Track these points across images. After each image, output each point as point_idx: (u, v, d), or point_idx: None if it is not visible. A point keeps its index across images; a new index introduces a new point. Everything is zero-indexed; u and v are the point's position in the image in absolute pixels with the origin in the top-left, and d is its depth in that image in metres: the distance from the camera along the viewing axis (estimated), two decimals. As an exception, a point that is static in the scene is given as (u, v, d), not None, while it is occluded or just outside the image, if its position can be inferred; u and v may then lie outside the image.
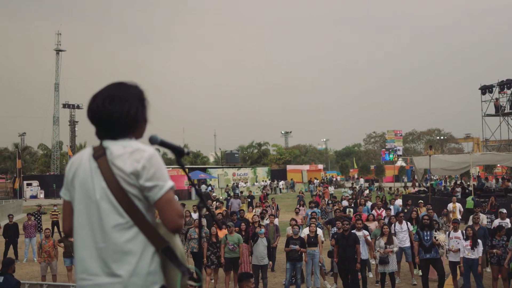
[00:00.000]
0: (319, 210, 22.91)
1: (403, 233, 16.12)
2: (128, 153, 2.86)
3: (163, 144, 3.00)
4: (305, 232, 15.62)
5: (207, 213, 3.25)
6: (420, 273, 15.66)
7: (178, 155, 3.03)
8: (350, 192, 41.52)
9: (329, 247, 15.95)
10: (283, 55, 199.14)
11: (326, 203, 27.38)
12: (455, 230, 14.17)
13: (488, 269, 16.72)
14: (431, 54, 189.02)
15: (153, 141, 2.98)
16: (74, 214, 2.95)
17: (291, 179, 70.16)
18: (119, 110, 2.94)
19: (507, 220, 16.28)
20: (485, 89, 44.90)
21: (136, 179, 2.82)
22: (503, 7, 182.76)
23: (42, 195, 62.81)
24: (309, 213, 20.52)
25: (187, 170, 3.27)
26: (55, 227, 25.50)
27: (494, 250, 13.48)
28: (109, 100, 2.96)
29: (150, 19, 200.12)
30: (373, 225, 17.07)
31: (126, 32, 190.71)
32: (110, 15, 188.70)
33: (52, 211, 27.31)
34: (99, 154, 2.91)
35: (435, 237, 14.05)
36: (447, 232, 14.74)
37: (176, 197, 3.00)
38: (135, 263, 2.80)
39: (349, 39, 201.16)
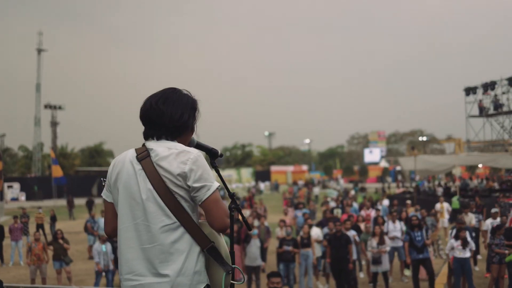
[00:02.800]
0: (309, 211, 22.95)
1: (396, 233, 16.17)
2: (174, 155, 2.89)
3: (199, 146, 3.17)
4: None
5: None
6: (408, 273, 15.77)
7: (213, 157, 3.14)
8: (335, 193, 41.66)
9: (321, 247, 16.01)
10: (267, 55, 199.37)
11: (314, 204, 27.46)
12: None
13: (477, 268, 16.88)
14: (414, 55, 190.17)
15: (190, 143, 3.10)
16: (118, 216, 2.97)
17: (275, 180, 70.27)
18: (170, 112, 2.99)
19: (499, 219, 16.38)
20: (469, 91, 45.28)
21: (184, 181, 2.85)
22: (487, 9, 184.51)
23: (23, 197, 62.12)
24: (299, 214, 20.58)
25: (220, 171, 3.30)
26: (40, 230, 25.27)
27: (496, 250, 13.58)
28: (162, 101, 3.01)
29: (132, 19, 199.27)
30: (362, 225, 17.11)
31: (108, 33, 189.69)
32: (93, 15, 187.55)
33: (36, 214, 27.06)
34: (143, 156, 2.93)
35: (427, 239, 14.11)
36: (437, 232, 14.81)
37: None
38: (181, 263, 2.83)
39: (333, 40, 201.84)
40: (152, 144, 2.96)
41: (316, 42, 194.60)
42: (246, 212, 22.79)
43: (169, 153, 2.89)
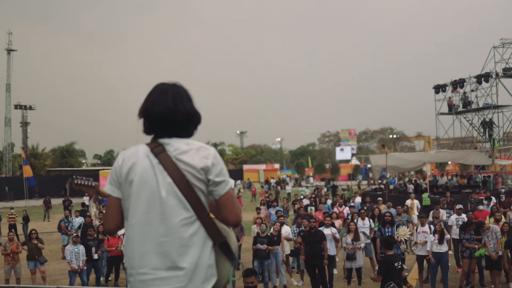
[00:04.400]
0: (282, 209, 23.07)
1: (365, 229, 16.44)
2: (194, 150, 2.96)
3: None
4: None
5: None
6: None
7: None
8: (307, 191, 41.91)
9: (292, 245, 16.17)
10: (238, 53, 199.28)
11: (287, 201, 27.58)
12: (422, 224, 14.48)
13: (449, 263, 17.19)
14: (385, 53, 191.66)
15: None
16: (130, 211, 2.94)
17: (248, 179, 70.32)
18: (188, 109, 3.09)
19: (463, 215, 16.75)
20: (439, 88, 45.74)
21: (205, 174, 2.91)
22: (457, 8, 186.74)
23: (-6, 198, 61.39)
24: (272, 212, 20.72)
25: None
26: (13, 230, 25.08)
27: (467, 244, 13.89)
28: (179, 100, 3.08)
29: (103, 19, 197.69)
30: (337, 223, 17.27)
31: (79, 32, 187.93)
32: (62, 14, 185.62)
33: (8, 214, 26.83)
34: (159, 150, 2.95)
35: (396, 235, 14.35)
36: (413, 227, 15.07)
37: None
38: (198, 256, 2.88)
39: (302, 38, 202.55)
40: (167, 140, 3.00)
41: (287, 43, 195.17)
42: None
43: (188, 148, 2.96)
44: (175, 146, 2.96)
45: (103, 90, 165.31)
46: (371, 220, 17.09)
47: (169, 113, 3.01)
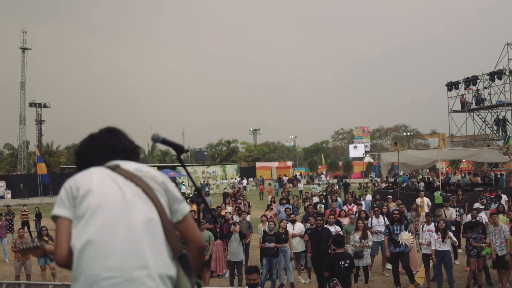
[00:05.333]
0: (291, 206, 23.10)
1: (380, 227, 16.36)
2: (147, 168, 2.95)
3: (164, 141, 3.04)
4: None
5: (204, 208, 3.30)
6: (389, 267, 16.00)
7: (179, 152, 3.11)
8: (319, 188, 41.87)
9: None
10: (251, 52, 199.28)
11: (298, 199, 27.58)
12: (428, 223, 14.48)
13: (457, 262, 17.15)
14: (397, 51, 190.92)
15: (155, 139, 3.02)
16: (95, 219, 2.65)
17: (260, 176, 70.39)
18: (128, 140, 3.16)
19: (480, 214, 16.56)
20: (451, 86, 45.50)
21: (166, 189, 2.88)
22: (468, 5, 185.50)
23: (9, 195, 61.92)
24: (281, 210, 20.75)
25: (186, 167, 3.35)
26: (25, 227, 25.33)
27: (474, 243, 13.87)
28: (117, 132, 3.17)
29: (117, 18, 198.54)
30: (345, 221, 17.29)
31: (92, 31, 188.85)
32: (76, 12, 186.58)
33: (21, 211, 27.10)
34: (114, 166, 2.91)
35: (399, 240, 14.32)
36: (420, 226, 15.04)
37: None
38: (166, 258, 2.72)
39: (316, 37, 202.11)
40: (119, 161, 2.98)
41: (301, 39, 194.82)
42: (229, 208, 22.96)
43: (142, 166, 2.97)
44: (128, 164, 2.95)
45: (116, 88, 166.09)
46: (385, 218, 17.04)
47: (112, 142, 3.06)
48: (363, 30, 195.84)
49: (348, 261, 11.69)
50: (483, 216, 16.60)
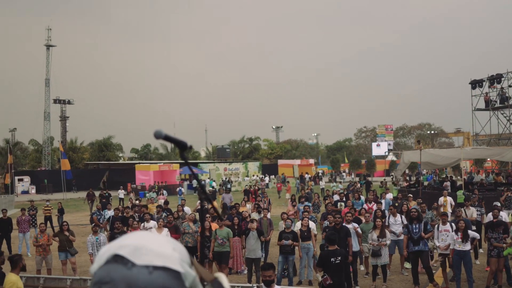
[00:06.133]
0: (310, 204, 23.05)
1: (397, 226, 16.30)
2: None
3: (167, 138, 2.99)
4: (297, 226, 15.83)
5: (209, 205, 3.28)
6: (408, 266, 15.92)
7: (182, 149, 3.05)
8: (340, 186, 41.77)
9: (321, 240, 16.13)
10: (275, 49, 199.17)
11: (319, 197, 27.52)
12: (444, 223, 14.40)
13: (478, 262, 17.00)
14: (422, 49, 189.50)
15: (157, 135, 2.96)
16: None
17: (282, 174, 70.33)
18: None
19: (501, 213, 16.41)
20: (475, 84, 45.10)
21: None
22: (493, 3, 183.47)
23: (33, 191, 62.70)
24: (301, 208, 20.72)
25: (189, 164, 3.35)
26: (48, 222, 25.60)
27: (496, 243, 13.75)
28: None
29: (141, 14, 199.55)
30: (363, 219, 17.22)
31: (116, 27, 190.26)
32: (101, 10, 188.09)
33: (44, 206, 27.42)
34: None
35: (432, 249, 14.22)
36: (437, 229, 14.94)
37: (165, 192, 2.90)
38: None
39: (341, 34, 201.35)
40: None
41: (324, 36, 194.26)
42: (248, 206, 23.01)
43: None
44: None
45: (140, 85, 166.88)
46: (402, 217, 16.96)
47: None
48: (387, 28, 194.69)
49: (339, 258, 11.83)
50: (504, 216, 16.40)
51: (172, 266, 1.95)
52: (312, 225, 15.92)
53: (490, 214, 16.76)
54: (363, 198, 25.15)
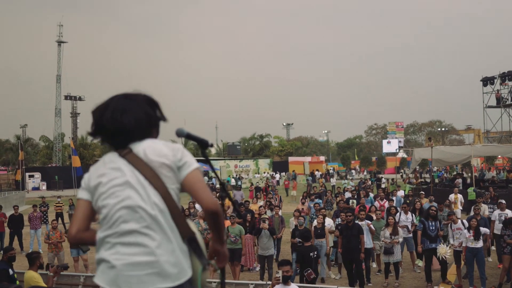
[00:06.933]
0: (321, 201, 22.96)
1: (408, 223, 16.27)
2: (160, 143, 2.96)
3: (189, 136, 3.07)
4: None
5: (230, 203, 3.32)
6: (420, 263, 15.86)
7: (203, 147, 3.11)
8: (351, 183, 41.67)
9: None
10: (285, 46, 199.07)
11: (331, 194, 27.45)
12: (455, 222, 14.38)
13: (490, 259, 16.93)
14: (433, 47, 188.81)
15: (179, 133, 3.05)
16: (103, 209, 2.88)
17: (293, 171, 70.28)
18: (138, 118, 3.01)
19: (507, 210, 16.45)
20: (487, 81, 44.88)
21: (170, 158, 2.89)
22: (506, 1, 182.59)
23: (44, 187, 62.91)
24: (312, 205, 20.66)
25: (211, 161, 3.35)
26: (59, 218, 25.66)
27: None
28: (125, 111, 3.00)
29: (152, 11, 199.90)
30: (374, 216, 17.17)
31: (128, 24, 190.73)
32: (112, 6, 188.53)
33: (56, 203, 27.51)
34: (126, 152, 2.94)
35: (438, 254, 14.15)
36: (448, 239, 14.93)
37: None
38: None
39: (351, 31, 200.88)
40: (131, 145, 2.98)
41: (336, 33, 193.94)
42: (260, 203, 22.96)
43: (154, 143, 2.96)
44: (141, 145, 2.95)
45: (151, 81, 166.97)
46: (413, 215, 16.91)
47: (116, 125, 2.98)
48: (397, 25, 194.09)
49: (315, 252, 12.84)
50: (510, 213, 16.32)
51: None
52: (329, 222, 15.92)
53: (496, 212, 16.76)
54: (372, 195, 25.10)
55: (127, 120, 2.97)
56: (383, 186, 39.28)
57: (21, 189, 54.17)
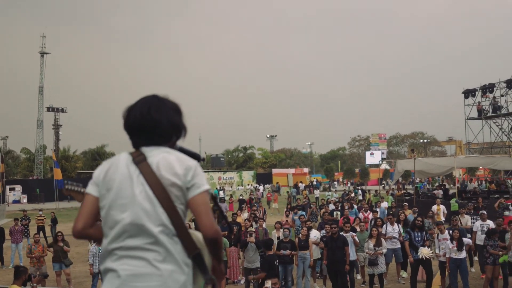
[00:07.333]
0: (305, 213, 22.95)
1: (395, 235, 16.29)
2: (174, 158, 2.96)
3: (181, 150, 3.13)
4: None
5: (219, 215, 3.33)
6: (405, 275, 15.89)
7: (195, 161, 3.15)
8: (335, 195, 41.75)
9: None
10: (268, 59, 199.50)
11: (316, 206, 27.47)
12: (442, 232, 14.43)
13: (473, 269, 17.01)
14: (415, 59, 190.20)
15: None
16: (110, 218, 2.93)
17: (277, 183, 70.30)
18: (163, 119, 3.05)
19: (488, 221, 16.55)
20: (468, 93, 45.31)
21: (181, 178, 2.91)
22: (487, 13, 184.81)
23: (25, 200, 62.20)
24: (297, 218, 20.64)
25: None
26: (41, 232, 25.40)
27: (492, 250, 13.75)
28: (154, 109, 3.05)
29: (135, 22, 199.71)
30: (359, 228, 17.20)
31: (111, 35, 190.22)
32: (96, 17, 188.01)
33: (37, 216, 27.22)
34: (140, 160, 2.97)
35: (419, 254, 14.21)
36: (435, 234, 14.99)
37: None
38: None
39: (334, 44, 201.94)
40: (147, 149, 3.02)
41: (317, 46, 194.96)
42: (245, 215, 22.94)
43: (170, 157, 2.97)
44: (156, 155, 2.97)
45: (135, 92, 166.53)
46: (399, 225, 16.96)
47: (142, 121, 3.03)
48: (379, 37, 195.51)
49: (277, 260, 13.15)
50: (491, 224, 16.41)
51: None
52: (316, 234, 15.89)
53: (477, 223, 16.86)
54: (356, 207, 25.15)
55: (155, 116, 3.03)
56: (360, 197, 39.38)
57: (1, 202, 53.52)
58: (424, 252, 14.18)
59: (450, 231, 14.44)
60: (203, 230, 2.89)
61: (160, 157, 2.96)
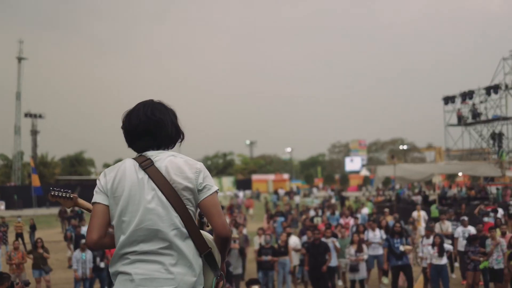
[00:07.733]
0: (283, 219, 22.94)
1: (377, 240, 16.30)
2: (183, 161, 3.02)
3: None
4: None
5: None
6: (386, 281, 15.93)
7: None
8: (316, 201, 41.84)
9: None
10: (248, 63, 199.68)
11: (297, 212, 27.51)
12: (427, 237, 14.47)
13: (454, 275, 17.09)
14: (395, 64, 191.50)
15: None
16: (122, 224, 2.97)
17: (257, 189, 70.32)
18: (167, 121, 3.11)
19: (470, 227, 16.61)
20: (448, 100, 45.64)
21: (193, 182, 2.96)
22: (467, 19, 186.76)
23: (2, 207, 61.42)
24: (278, 224, 20.66)
25: None
26: (19, 238, 25.12)
27: (473, 257, 13.82)
28: (158, 110, 3.10)
29: (114, 28, 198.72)
30: (340, 234, 17.23)
31: (90, 41, 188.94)
32: (73, 23, 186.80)
33: (16, 223, 26.90)
34: (147, 164, 2.99)
35: (400, 250, 14.26)
36: (417, 239, 15.04)
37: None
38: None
39: (315, 48, 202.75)
40: (154, 153, 3.05)
41: (297, 50, 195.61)
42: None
43: (177, 160, 3.01)
44: (163, 158, 3.01)
45: (113, 99, 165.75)
46: (381, 231, 16.99)
47: (148, 122, 3.06)
48: (359, 43, 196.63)
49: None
50: (472, 230, 16.48)
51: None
52: (295, 240, 15.86)
53: (459, 229, 16.90)
54: (337, 213, 25.21)
55: (161, 116, 3.09)
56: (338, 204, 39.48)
57: (-22, 209, 53.02)
58: (407, 247, 14.27)
59: (424, 238, 14.53)
60: (217, 230, 2.99)
61: (168, 161, 3.00)
